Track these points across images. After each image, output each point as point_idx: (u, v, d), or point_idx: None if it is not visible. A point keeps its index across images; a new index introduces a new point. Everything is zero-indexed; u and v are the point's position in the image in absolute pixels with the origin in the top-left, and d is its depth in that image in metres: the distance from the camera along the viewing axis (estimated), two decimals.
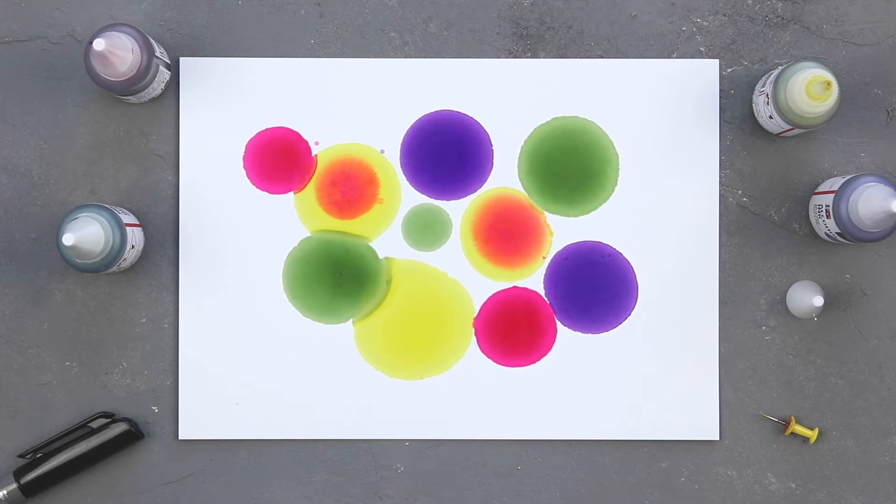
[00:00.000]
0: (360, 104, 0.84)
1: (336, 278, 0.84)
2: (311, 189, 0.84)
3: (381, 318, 0.84)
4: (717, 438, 0.84)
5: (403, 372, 0.83)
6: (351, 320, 0.84)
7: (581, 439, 0.84)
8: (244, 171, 0.84)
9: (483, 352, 0.84)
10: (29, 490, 0.82)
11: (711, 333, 0.84)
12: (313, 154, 0.84)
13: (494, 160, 0.84)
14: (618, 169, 0.84)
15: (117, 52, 0.77)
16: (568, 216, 0.84)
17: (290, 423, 0.84)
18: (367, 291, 0.84)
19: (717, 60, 0.84)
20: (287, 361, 0.84)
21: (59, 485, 0.83)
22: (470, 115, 0.84)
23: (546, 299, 0.84)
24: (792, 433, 0.83)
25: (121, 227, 0.78)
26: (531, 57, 0.84)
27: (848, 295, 0.84)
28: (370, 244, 0.84)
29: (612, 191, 0.84)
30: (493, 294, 0.84)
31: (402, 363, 0.83)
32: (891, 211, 0.75)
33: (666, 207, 0.84)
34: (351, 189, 0.84)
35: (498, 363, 0.84)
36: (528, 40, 0.84)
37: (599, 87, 0.84)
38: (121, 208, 0.82)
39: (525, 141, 0.84)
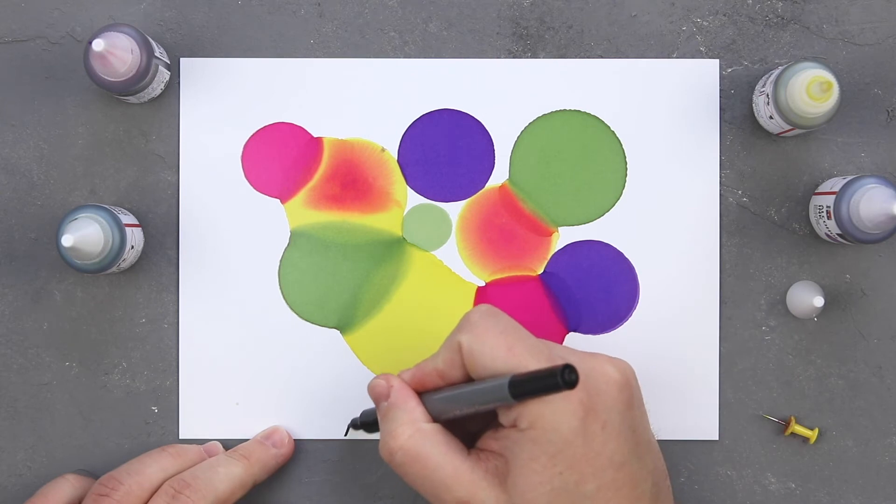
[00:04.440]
0: (361, 103, 0.84)
1: (336, 280, 0.84)
2: (311, 189, 0.84)
3: (381, 320, 0.84)
4: (717, 438, 0.84)
5: None
6: (350, 322, 0.84)
7: None
8: (244, 171, 0.84)
9: None
10: None
11: (711, 333, 0.84)
12: (314, 153, 0.84)
13: (496, 160, 0.84)
14: (624, 171, 0.84)
15: (117, 52, 0.77)
16: (571, 218, 0.84)
17: (290, 424, 0.84)
18: (366, 293, 0.84)
19: (717, 60, 0.84)
20: (287, 361, 0.84)
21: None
22: (471, 114, 0.84)
23: (547, 300, 0.84)
24: (792, 433, 0.83)
25: (120, 227, 0.78)
26: (531, 57, 0.84)
27: (848, 295, 0.84)
28: (370, 245, 0.84)
29: (619, 194, 0.84)
30: (494, 295, 0.84)
31: (401, 367, 0.83)
32: (892, 213, 0.75)
33: (666, 207, 0.84)
34: (352, 189, 0.84)
35: None
36: (528, 40, 0.84)
37: (599, 86, 0.84)
38: (120, 208, 0.82)
39: (525, 140, 0.84)
